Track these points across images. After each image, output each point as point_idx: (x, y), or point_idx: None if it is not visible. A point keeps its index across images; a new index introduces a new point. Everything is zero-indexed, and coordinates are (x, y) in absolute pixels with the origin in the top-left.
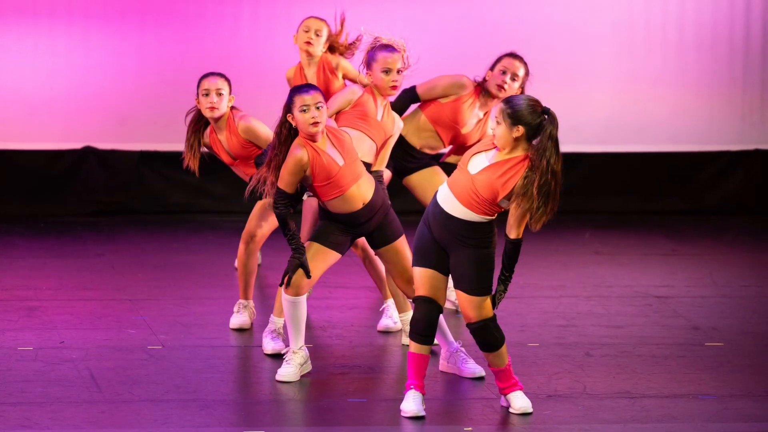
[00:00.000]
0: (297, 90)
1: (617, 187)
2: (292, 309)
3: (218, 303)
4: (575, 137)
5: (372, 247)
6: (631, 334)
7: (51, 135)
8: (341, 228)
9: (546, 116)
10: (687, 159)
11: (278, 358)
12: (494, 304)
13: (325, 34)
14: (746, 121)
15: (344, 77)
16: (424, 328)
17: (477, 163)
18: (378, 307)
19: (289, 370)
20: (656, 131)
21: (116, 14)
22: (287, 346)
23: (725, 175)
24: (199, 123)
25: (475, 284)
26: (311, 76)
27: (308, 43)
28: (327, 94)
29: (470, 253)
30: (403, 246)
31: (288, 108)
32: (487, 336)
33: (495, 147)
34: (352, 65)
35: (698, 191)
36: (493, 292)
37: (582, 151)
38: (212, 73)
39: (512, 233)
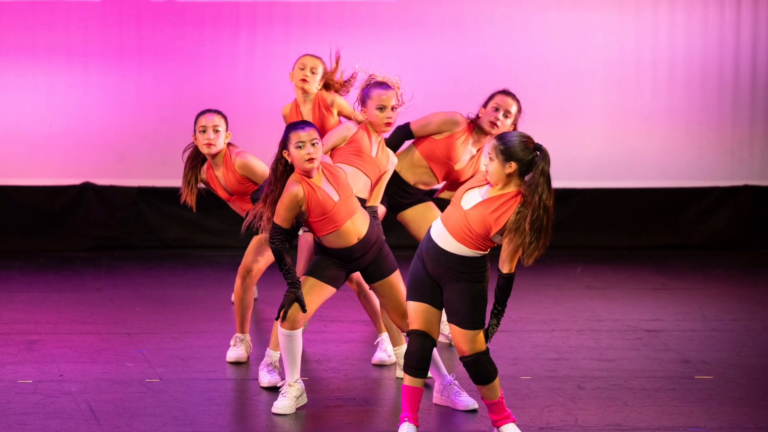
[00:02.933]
0: (293, 126)
1: (608, 223)
2: (288, 342)
3: (215, 336)
4: (567, 173)
5: (367, 282)
6: (623, 367)
7: (50, 171)
8: (336, 263)
9: (538, 153)
10: (677, 195)
11: (274, 390)
12: (487, 338)
13: (320, 71)
14: (735, 157)
15: (339, 114)
16: (418, 361)
17: (470, 198)
18: (372, 340)
19: (284, 403)
20: (646, 167)
21: (115, 52)
22: (283, 379)
23: (715, 211)
24: (196, 159)
25: (468, 318)
26: (307, 113)
27: (304, 80)
28: (322, 131)
29: (463, 287)
30: (397, 280)
31: (284, 144)
32: (480, 369)
33: (488, 183)
34: (347, 102)
35: (688, 226)
36: (486, 326)
37: (573, 186)
38: (209, 110)
39: (505, 268)
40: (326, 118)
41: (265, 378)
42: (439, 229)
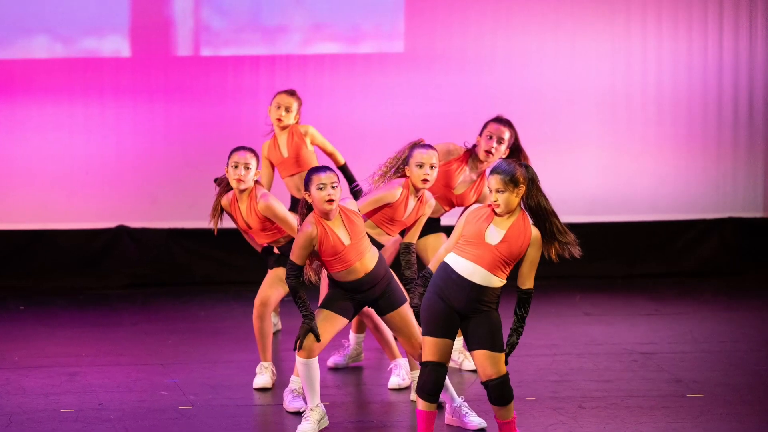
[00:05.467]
0: (314, 170)
1: (604, 254)
2: (306, 370)
3: (242, 365)
4: (564, 209)
5: (378, 314)
6: (620, 387)
7: (88, 215)
8: (347, 295)
9: (526, 168)
10: (667, 227)
11: (298, 415)
12: (506, 359)
13: (295, 108)
14: (720, 191)
15: (312, 143)
16: (433, 388)
17: (492, 235)
18: (385, 367)
19: (308, 426)
20: (638, 202)
21: (144, 104)
22: (306, 404)
23: (702, 241)
24: (228, 187)
25: (497, 342)
26: (283, 143)
27: (279, 120)
28: (298, 159)
29: (489, 315)
30: (407, 311)
31: (306, 186)
32: (504, 390)
33: (494, 212)
34: (319, 132)
35: (677, 256)
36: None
37: (571, 221)
38: (243, 147)
39: (526, 284)
40: (300, 146)
41: (290, 403)
42: (465, 265)
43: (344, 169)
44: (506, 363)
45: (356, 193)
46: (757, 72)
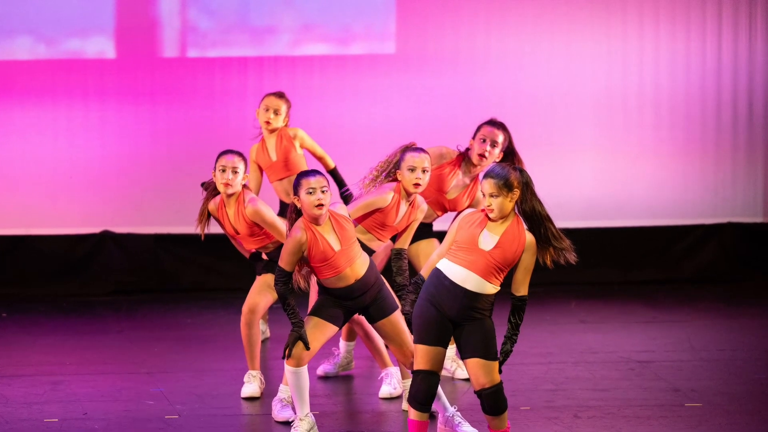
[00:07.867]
0: (304, 174)
1: (600, 260)
2: (295, 379)
3: (230, 374)
4: (560, 214)
5: (369, 322)
6: (616, 396)
7: (71, 221)
8: (337, 302)
9: (521, 172)
10: (664, 232)
11: (287, 425)
12: (499, 367)
13: (284, 111)
14: (719, 196)
15: (302, 146)
16: (425, 398)
17: (485, 240)
18: (376, 375)
19: None
20: (634, 207)
21: (130, 106)
22: (295, 413)
23: (700, 247)
24: (215, 192)
25: (490, 350)
26: (272, 147)
27: (267, 122)
28: (286, 162)
29: (483, 323)
30: (398, 319)
31: (295, 191)
32: (498, 400)
33: (487, 217)
34: (308, 135)
35: (675, 262)
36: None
37: (567, 226)
38: (230, 151)
39: (520, 291)
40: (289, 150)
41: (278, 413)
42: (458, 271)
43: (334, 173)
44: (500, 371)
45: (346, 198)
46: (757, 74)
